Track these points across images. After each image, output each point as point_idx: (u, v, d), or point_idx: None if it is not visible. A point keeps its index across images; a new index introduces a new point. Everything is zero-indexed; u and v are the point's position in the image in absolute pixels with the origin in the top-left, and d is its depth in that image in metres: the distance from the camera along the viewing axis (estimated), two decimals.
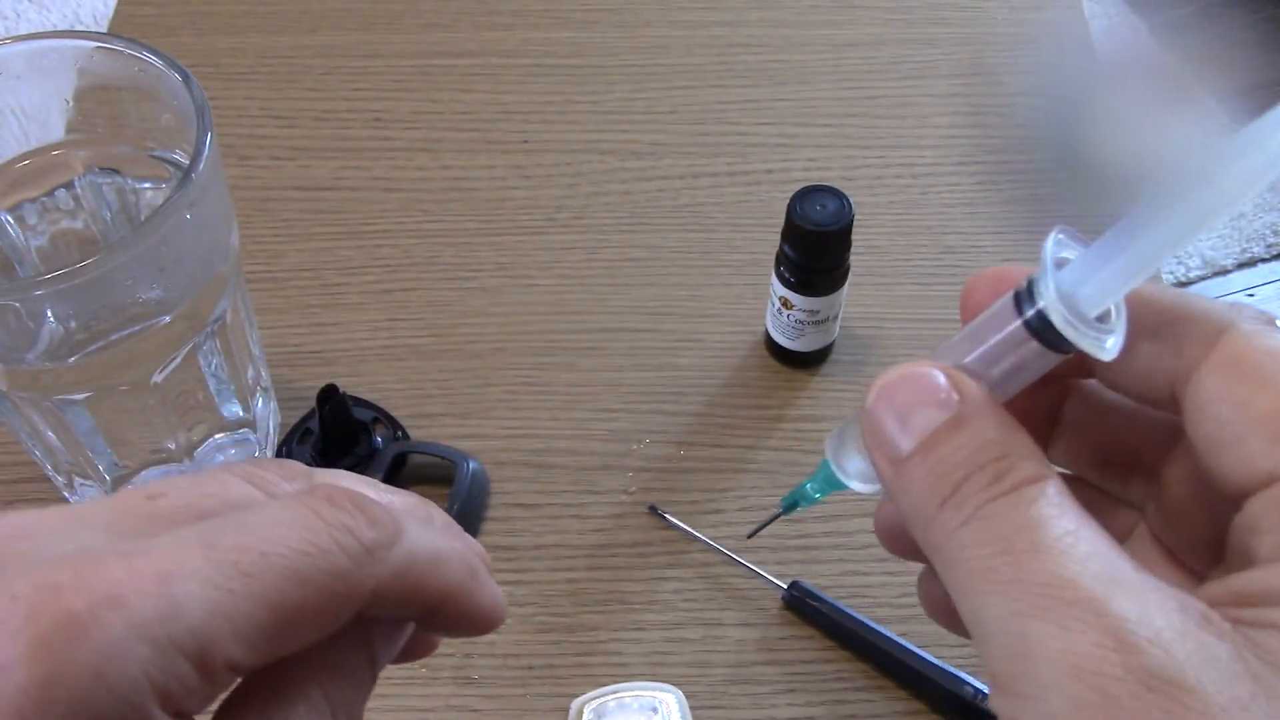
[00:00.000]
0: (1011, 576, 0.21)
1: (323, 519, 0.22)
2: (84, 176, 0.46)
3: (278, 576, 0.21)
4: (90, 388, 0.43)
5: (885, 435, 0.24)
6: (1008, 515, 0.22)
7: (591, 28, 0.74)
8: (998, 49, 0.73)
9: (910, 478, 0.24)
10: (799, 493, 0.32)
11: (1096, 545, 0.21)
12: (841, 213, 0.52)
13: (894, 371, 0.25)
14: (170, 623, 0.20)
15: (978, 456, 0.23)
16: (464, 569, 0.25)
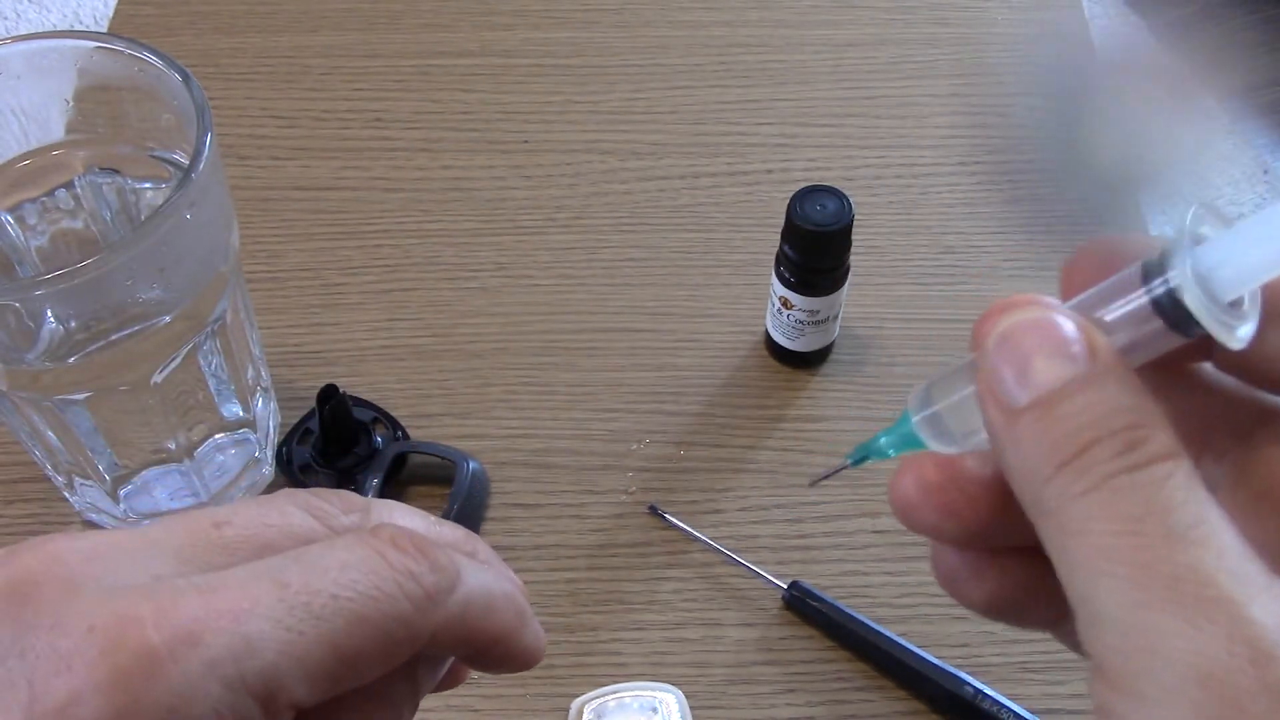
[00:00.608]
0: (1139, 561, 0.19)
1: (389, 563, 0.23)
2: (84, 176, 0.46)
3: (345, 620, 0.22)
4: (90, 388, 0.43)
5: (1003, 382, 0.22)
6: (1139, 491, 0.20)
7: (591, 28, 0.74)
8: (998, 49, 0.73)
9: (1026, 430, 0.21)
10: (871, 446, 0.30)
11: (1230, 540, 0.20)
12: (841, 213, 0.52)
13: (1019, 315, 0.22)
14: (243, 663, 0.20)
15: (1110, 420, 0.21)
16: (514, 612, 0.26)
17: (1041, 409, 0.21)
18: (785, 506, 0.54)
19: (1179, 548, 0.19)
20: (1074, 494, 0.20)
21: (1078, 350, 0.21)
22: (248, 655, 0.20)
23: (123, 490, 0.49)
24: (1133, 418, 0.21)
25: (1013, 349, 0.22)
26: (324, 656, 0.21)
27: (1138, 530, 0.20)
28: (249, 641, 0.20)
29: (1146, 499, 0.20)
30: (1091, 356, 0.21)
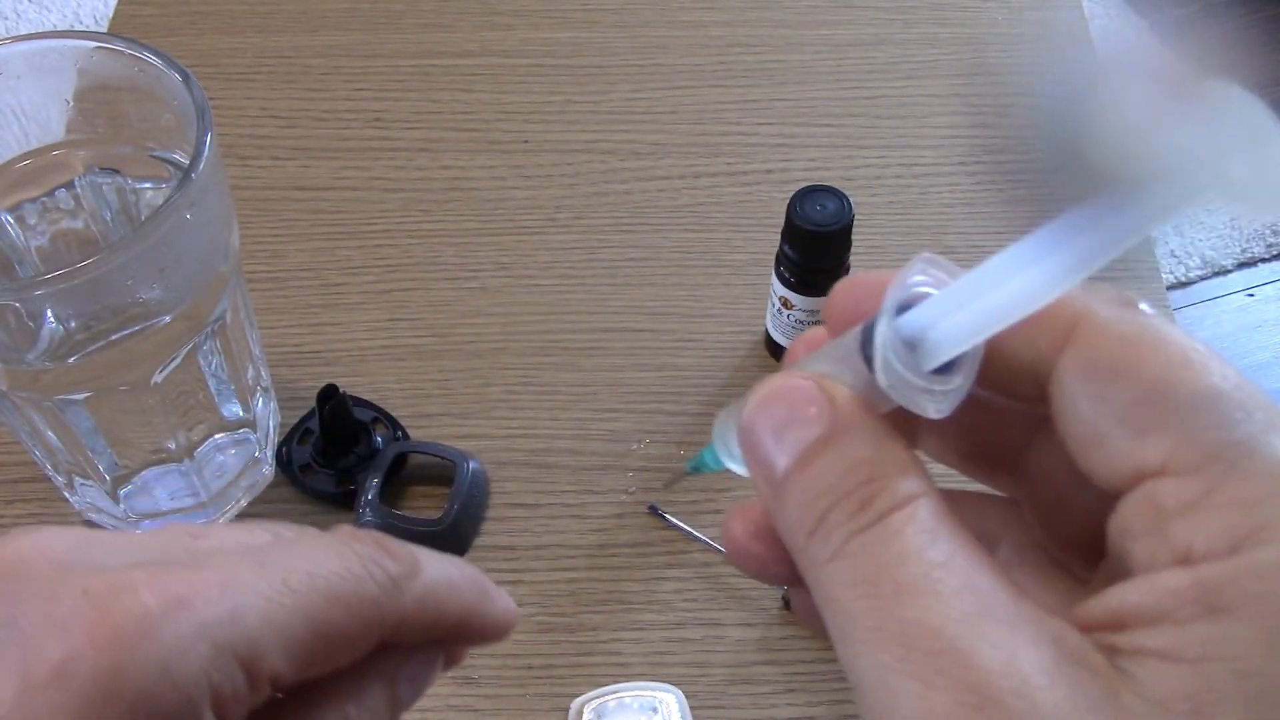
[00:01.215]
0: (875, 624, 0.19)
1: (354, 551, 0.24)
2: (84, 176, 0.46)
3: (319, 596, 0.23)
4: (90, 388, 0.43)
5: (762, 452, 0.22)
6: (872, 551, 0.20)
7: (591, 28, 0.74)
8: (998, 49, 0.73)
9: (786, 499, 0.22)
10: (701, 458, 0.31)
11: (968, 577, 0.19)
12: (841, 213, 0.52)
13: (770, 383, 0.23)
14: (230, 627, 0.21)
15: (844, 481, 0.21)
16: (475, 589, 0.27)
17: (794, 474, 0.22)
18: None
19: (908, 602, 0.19)
20: (821, 563, 0.21)
21: (816, 411, 0.22)
22: (233, 621, 0.21)
23: (123, 490, 0.49)
24: (867, 472, 0.21)
25: (767, 416, 0.22)
26: (301, 629, 0.22)
27: (872, 592, 0.20)
28: (234, 608, 0.21)
29: (879, 558, 0.20)
30: (833, 412, 0.22)
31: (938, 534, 0.20)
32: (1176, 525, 0.19)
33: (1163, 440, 0.19)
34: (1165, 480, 0.19)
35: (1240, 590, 0.18)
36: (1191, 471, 0.19)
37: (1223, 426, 0.19)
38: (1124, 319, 0.21)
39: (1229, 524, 0.18)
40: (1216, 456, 0.19)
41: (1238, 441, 0.19)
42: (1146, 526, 0.19)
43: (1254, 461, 0.19)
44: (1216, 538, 0.18)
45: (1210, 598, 0.18)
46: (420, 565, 0.25)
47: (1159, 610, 0.18)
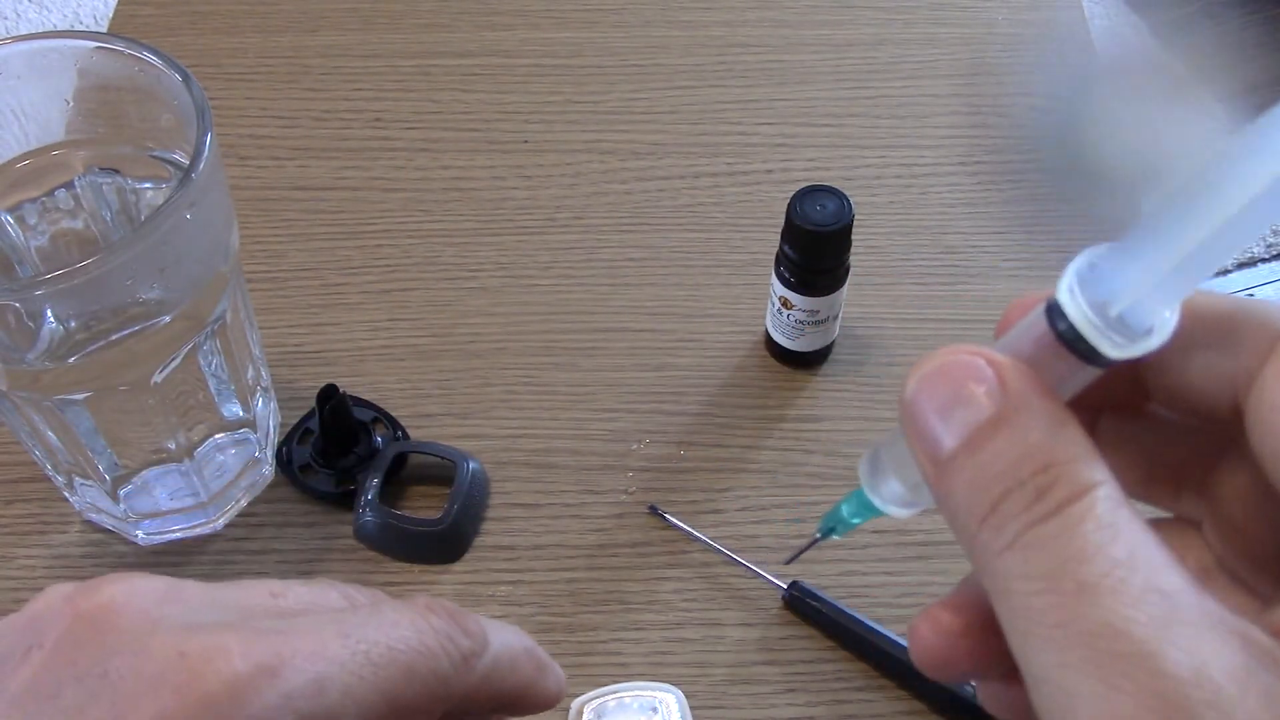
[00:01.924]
0: (1056, 620, 0.19)
1: (430, 625, 0.25)
2: (84, 176, 0.46)
3: (397, 670, 0.23)
4: (90, 388, 0.43)
5: (927, 430, 0.22)
6: (1052, 544, 0.19)
7: (591, 28, 0.74)
8: (998, 49, 0.73)
9: (953, 482, 0.21)
10: (835, 517, 0.30)
11: (1153, 575, 0.19)
12: (841, 213, 0.52)
13: (934, 358, 0.22)
14: (314, 699, 0.22)
15: (1019, 467, 0.20)
16: (534, 665, 0.27)
17: (965, 454, 0.21)
18: (785, 506, 0.54)
19: (1091, 601, 0.19)
20: (995, 551, 0.20)
21: (988, 389, 0.21)
22: (318, 693, 0.22)
23: (123, 490, 0.49)
24: (1043, 458, 0.20)
25: (931, 393, 0.22)
26: (377, 703, 0.23)
27: (1053, 587, 0.19)
28: (320, 680, 0.22)
29: (1060, 551, 0.19)
30: (1004, 392, 0.21)
31: (1119, 528, 0.19)
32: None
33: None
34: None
35: None
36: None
37: None
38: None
39: None
40: None
41: None
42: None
43: None
44: None
45: None
46: (489, 641, 0.26)
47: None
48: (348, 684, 0.22)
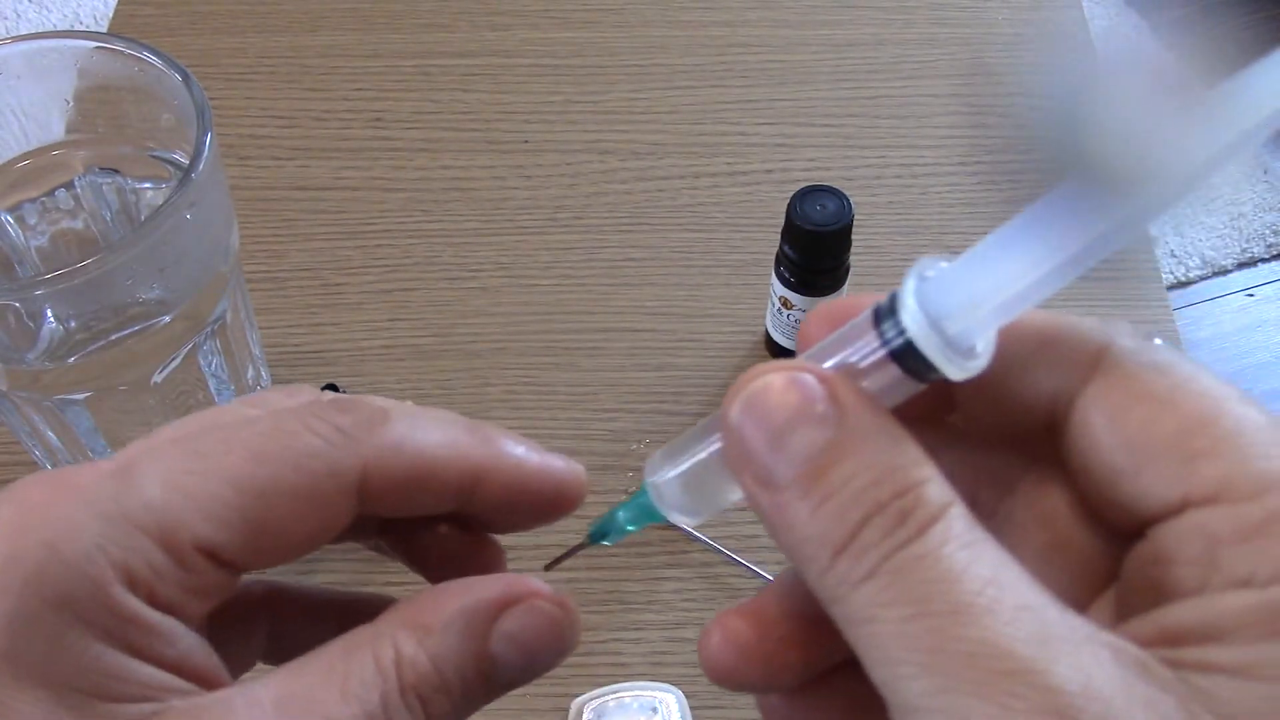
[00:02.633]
0: (932, 645, 0.18)
1: (293, 410, 0.22)
2: (84, 176, 0.46)
3: (240, 458, 0.21)
4: (90, 388, 0.43)
5: (759, 458, 0.20)
6: (919, 568, 0.19)
7: (591, 28, 0.74)
8: (998, 49, 0.73)
9: (796, 513, 0.20)
10: (609, 522, 0.28)
11: (1020, 593, 0.18)
12: (841, 213, 0.52)
13: (758, 375, 0.21)
14: (123, 498, 0.20)
15: (875, 492, 0.19)
16: (479, 439, 0.24)
17: (805, 484, 0.20)
18: None
19: (969, 621, 0.18)
20: (855, 581, 0.19)
21: (825, 409, 0.20)
22: (128, 493, 0.20)
23: None
24: (899, 481, 0.19)
25: (760, 416, 0.20)
26: (222, 491, 0.21)
27: (925, 611, 0.18)
28: (130, 482, 0.20)
29: (928, 574, 0.19)
30: (841, 412, 0.20)
31: (978, 546, 0.19)
32: (1232, 552, 0.19)
33: (1213, 468, 0.19)
34: (1217, 508, 0.19)
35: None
36: (1246, 500, 0.19)
37: (1272, 457, 0.19)
38: (1151, 350, 0.21)
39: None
40: (1271, 486, 0.19)
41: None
42: (1195, 554, 0.19)
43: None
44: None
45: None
46: (388, 416, 0.23)
47: (1221, 629, 0.18)
48: (171, 479, 0.20)
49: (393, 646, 0.21)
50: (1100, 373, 0.21)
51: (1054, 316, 0.22)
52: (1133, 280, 0.62)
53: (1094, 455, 0.21)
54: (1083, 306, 0.61)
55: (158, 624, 0.20)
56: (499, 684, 0.23)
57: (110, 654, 0.19)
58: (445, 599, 0.23)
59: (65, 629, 0.19)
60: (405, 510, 0.24)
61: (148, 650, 0.20)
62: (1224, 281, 1.52)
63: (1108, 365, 0.21)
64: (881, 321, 0.21)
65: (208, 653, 0.21)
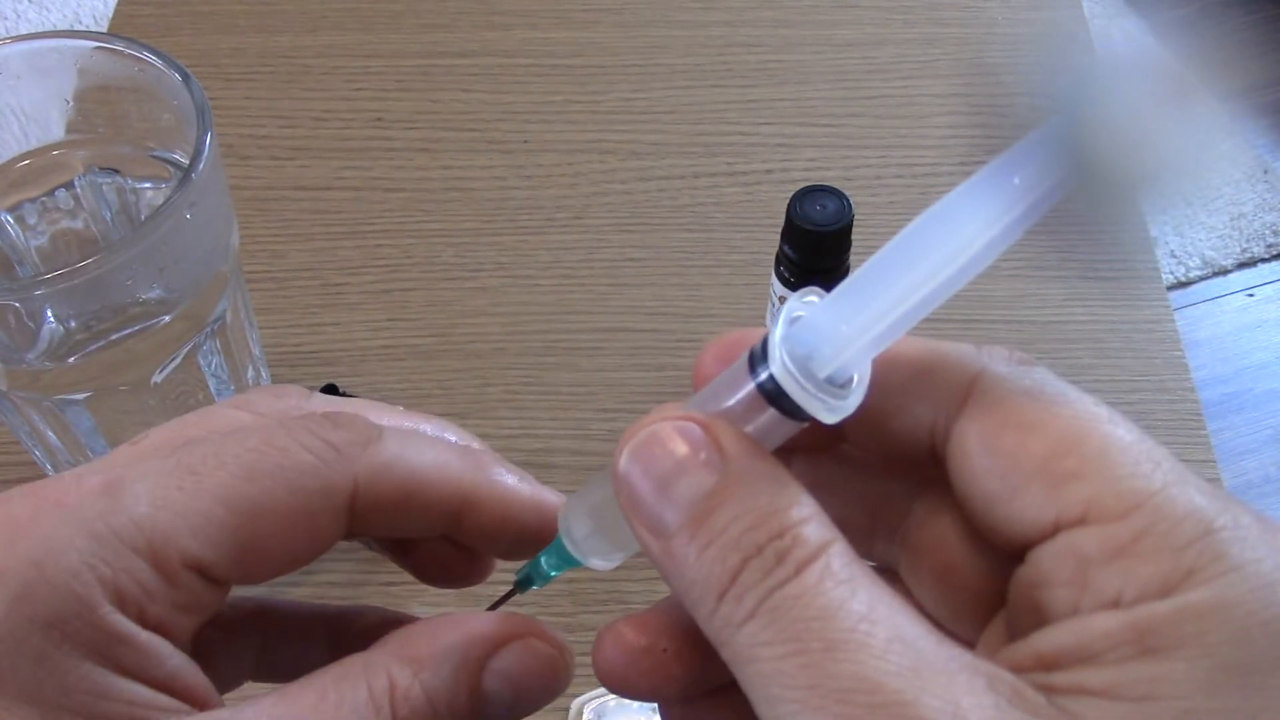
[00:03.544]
0: (808, 681, 0.18)
1: (285, 426, 0.22)
2: (84, 176, 0.46)
3: (230, 475, 0.21)
4: (90, 388, 0.43)
5: (647, 506, 0.21)
6: (795, 607, 0.19)
7: (591, 28, 0.74)
8: (998, 49, 0.73)
9: (682, 559, 0.20)
10: (534, 568, 0.28)
11: (895, 626, 0.19)
12: (841, 213, 0.52)
13: (644, 426, 0.21)
14: (111, 516, 0.20)
15: (754, 535, 0.20)
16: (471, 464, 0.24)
17: (690, 531, 0.20)
18: None
19: (842, 657, 0.18)
20: (738, 622, 0.20)
21: (706, 456, 0.21)
22: (116, 511, 0.20)
23: None
24: (777, 523, 0.20)
25: (646, 465, 0.21)
26: (212, 509, 0.21)
27: (800, 649, 0.19)
28: (118, 499, 0.20)
29: (803, 613, 0.19)
30: (723, 458, 0.21)
31: (855, 582, 0.19)
32: (1102, 572, 0.19)
33: (1081, 490, 0.20)
34: (1087, 529, 0.19)
35: (1177, 631, 0.18)
36: (1114, 520, 0.19)
37: (1138, 476, 0.20)
38: (1022, 375, 0.22)
39: (1159, 569, 0.19)
40: (1137, 505, 0.19)
41: (1155, 490, 0.19)
42: (1068, 575, 0.19)
43: (1174, 508, 0.19)
44: (1148, 582, 0.19)
45: (1147, 639, 0.18)
46: (381, 434, 0.23)
47: (1091, 651, 0.19)
48: (161, 497, 0.20)
49: (386, 677, 0.22)
50: (973, 400, 0.21)
51: (929, 345, 0.22)
52: (1133, 280, 0.62)
53: (971, 482, 0.21)
54: (1083, 306, 0.61)
55: (146, 642, 0.20)
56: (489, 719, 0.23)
57: (99, 673, 0.19)
58: (440, 633, 0.23)
59: (53, 648, 0.19)
60: (394, 530, 0.24)
61: (137, 669, 0.20)
62: (1224, 281, 1.52)
63: (980, 392, 0.21)
64: (756, 366, 0.21)
65: (196, 671, 0.21)
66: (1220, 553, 0.18)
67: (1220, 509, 0.19)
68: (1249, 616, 0.18)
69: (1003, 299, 0.61)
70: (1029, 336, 0.60)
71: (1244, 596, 0.18)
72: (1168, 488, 0.19)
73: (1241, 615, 0.18)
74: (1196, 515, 0.19)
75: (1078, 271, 0.62)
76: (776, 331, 0.21)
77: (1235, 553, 0.18)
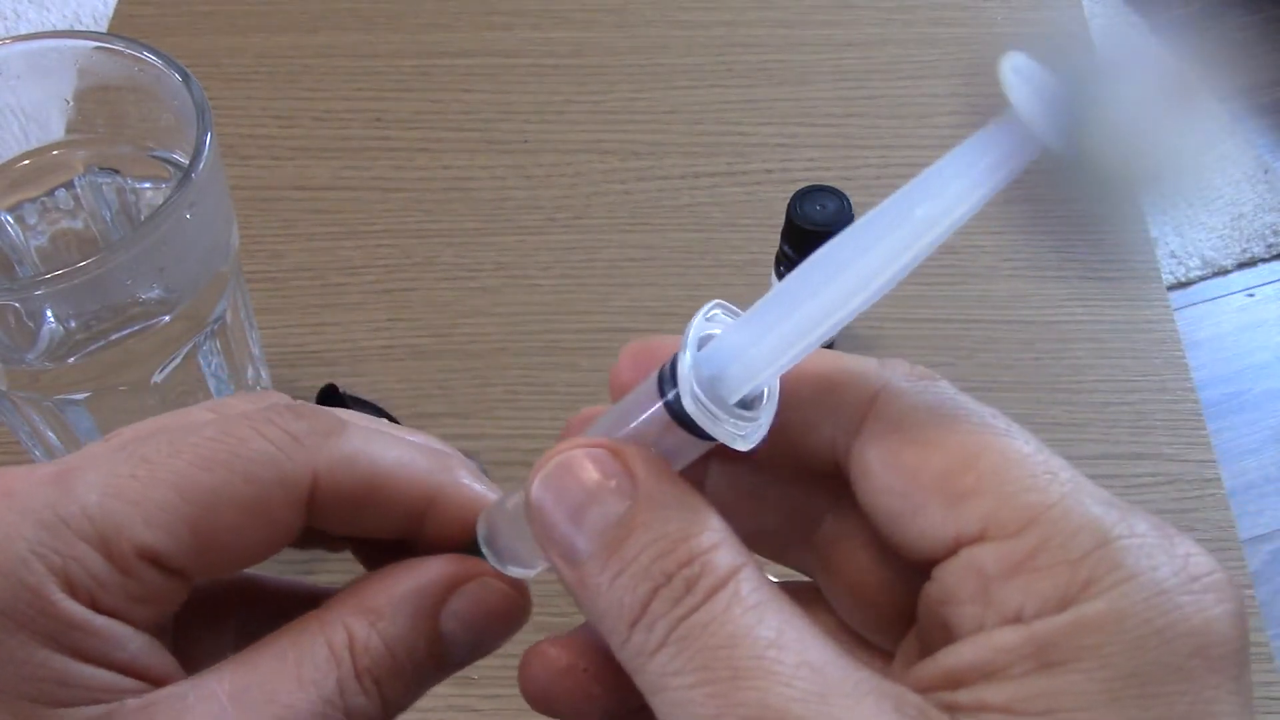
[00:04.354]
0: (715, 710, 0.19)
1: (245, 415, 0.22)
2: (84, 176, 0.46)
3: (186, 463, 0.21)
4: (90, 388, 0.43)
5: (560, 536, 0.21)
6: (703, 635, 0.19)
7: (591, 28, 0.74)
8: (998, 49, 0.73)
9: (595, 587, 0.20)
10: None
11: (802, 651, 0.19)
12: (841, 213, 0.52)
13: (556, 455, 0.21)
14: (60, 505, 0.20)
15: (664, 563, 0.20)
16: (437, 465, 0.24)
17: (602, 559, 0.20)
18: None
19: (748, 685, 0.18)
20: (649, 652, 0.20)
21: (617, 484, 0.21)
22: (65, 499, 0.20)
23: None
24: (686, 550, 0.20)
25: (558, 494, 0.21)
26: (166, 497, 0.20)
27: (708, 678, 0.19)
28: (68, 488, 0.20)
29: (711, 641, 0.19)
30: (634, 486, 0.21)
31: (763, 608, 0.19)
32: (1003, 588, 0.19)
33: (979, 506, 0.20)
34: (986, 546, 0.20)
35: (1075, 644, 0.18)
36: (1011, 535, 0.19)
37: (1034, 489, 0.20)
38: (922, 390, 0.22)
39: (1057, 583, 0.19)
40: (1034, 519, 0.19)
41: (1052, 503, 0.19)
42: (971, 592, 0.20)
43: (1070, 520, 0.19)
44: (1046, 596, 0.19)
45: (1046, 652, 0.18)
46: (344, 426, 0.23)
47: (994, 666, 0.19)
48: (113, 485, 0.20)
49: (345, 630, 0.22)
50: (873, 417, 0.21)
51: (830, 361, 0.22)
52: (1133, 280, 0.62)
53: (874, 499, 0.21)
54: (1083, 306, 0.61)
55: (103, 628, 0.20)
56: (451, 663, 0.24)
57: (56, 659, 0.19)
58: (393, 581, 0.23)
59: (7, 637, 0.19)
60: (354, 528, 0.24)
61: (95, 654, 0.20)
62: (1224, 281, 1.52)
63: (880, 409, 0.21)
64: (665, 388, 0.21)
65: (160, 653, 0.21)
66: (1116, 563, 0.19)
67: (1117, 518, 0.19)
68: (1144, 625, 0.18)
69: (1003, 299, 0.61)
70: (1029, 336, 0.60)
71: (1139, 606, 0.18)
72: (1064, 500, 0.19)
73: (1136, 624, 0.18)
74: (1092, 526, 0.19)
75: (1078, 271, 0.62)
76: (685, 358, 0.21)
77: (1131, 562, 0.19)
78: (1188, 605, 0.18)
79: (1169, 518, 0.61)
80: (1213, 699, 0.18)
